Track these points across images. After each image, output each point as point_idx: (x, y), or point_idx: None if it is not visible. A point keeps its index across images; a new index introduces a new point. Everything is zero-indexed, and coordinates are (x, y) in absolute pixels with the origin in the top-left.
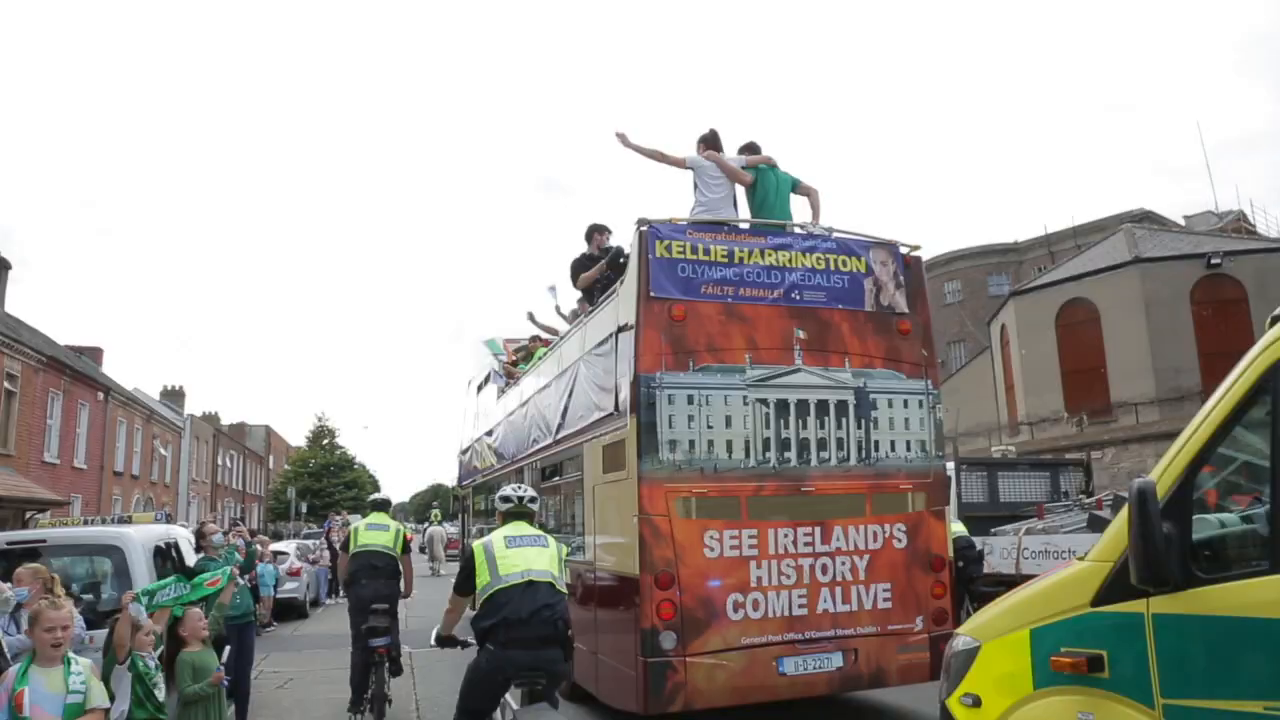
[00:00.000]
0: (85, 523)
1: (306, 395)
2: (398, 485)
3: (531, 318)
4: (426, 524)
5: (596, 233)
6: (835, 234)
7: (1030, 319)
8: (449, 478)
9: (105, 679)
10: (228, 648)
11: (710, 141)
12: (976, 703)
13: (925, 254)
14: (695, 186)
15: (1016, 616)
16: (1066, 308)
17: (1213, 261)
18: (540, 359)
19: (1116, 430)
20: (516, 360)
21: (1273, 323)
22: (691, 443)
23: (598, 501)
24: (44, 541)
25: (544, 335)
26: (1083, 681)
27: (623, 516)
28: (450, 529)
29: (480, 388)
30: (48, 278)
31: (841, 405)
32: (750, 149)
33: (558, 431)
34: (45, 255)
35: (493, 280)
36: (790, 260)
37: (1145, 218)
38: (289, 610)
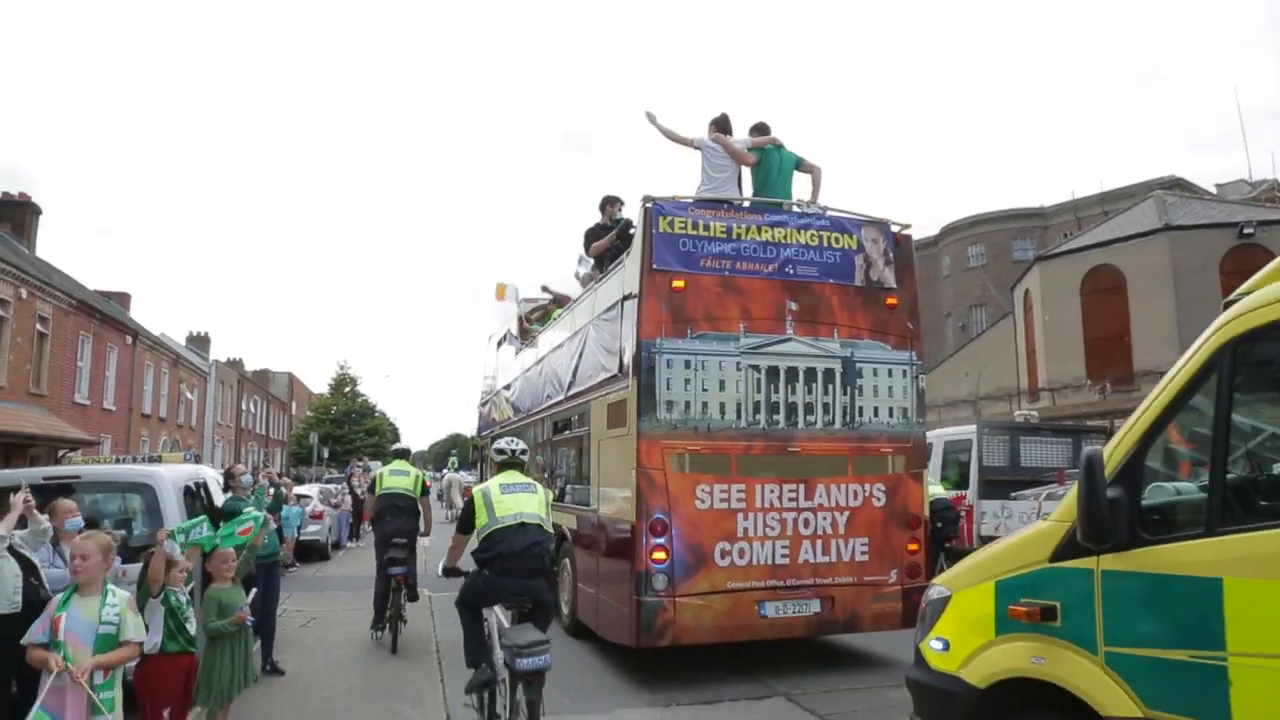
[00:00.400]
0: (116, 461)
1: (329, 343)
2: (417, 434)
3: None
4: (444, 471)
5: (609, 204)
6: (829, 212)
7: (1055, 284)
8: (467, 428)
9: (139, 612)
10: (254, 589)
11: (721, 125)
12: (946, 646)
13: (949, 217)
14: (703, 166)
15: (984, 570)
16: (1092, 274)
17: (1245, 231)
18: (556, 320)
19: (1139, 399)
20: (533, 318)
21: (1226, 306)
22: (687, 404)
23: (602, 455)
24: (78, 477)
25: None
26: (1037, 629)
27: (623, 469)
28: (468, 477)
29: (500, 344)
30: (75, 224)
31: (829, 373)
32: (760, 129)
33: (569, 389)
34: (72, 202)
35: (515, 235)
36: (785, 237)
37: (1176, 185)
38: (311, 552)
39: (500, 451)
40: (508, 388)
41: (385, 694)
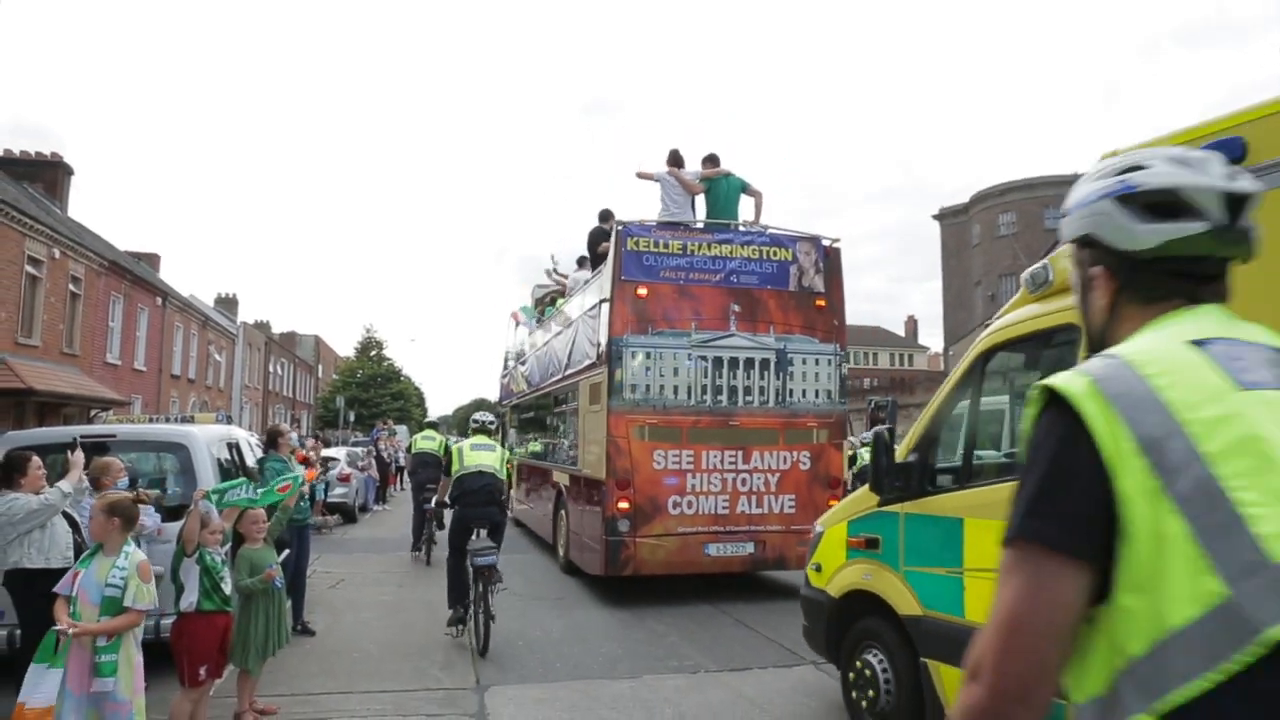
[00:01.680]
0: (150, 420)
1: (355, 307)
2: (442, 399)
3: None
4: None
5: (611, 216)
6: (770, 230)
7: None
8: (490, 393)
9: (175, 570)
10: (287, 550)
11: (674, 160)
12: (819, 569)
13: (980, 185)
14: (662, 195)
15: (844, 512)
16: None
17: None
18: (559, 309)
19: None
20: (550, 300)
21: (985, 325)
22: (647, 387)
23: (585, 425)
24: (114, 436)
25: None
26: (867, 555)
27: (598, 437)
28: None
29: (518, 324)
30: (105, 185)
31: (765, 362)
32: (711, 160)
33: (565, 369)
34: (102, 164)
35: (538, 200)
36: (731, 251)
37: None
38: (339, 514)
39: (475, 421)
40: (522, 363)
41: (415, 655)
